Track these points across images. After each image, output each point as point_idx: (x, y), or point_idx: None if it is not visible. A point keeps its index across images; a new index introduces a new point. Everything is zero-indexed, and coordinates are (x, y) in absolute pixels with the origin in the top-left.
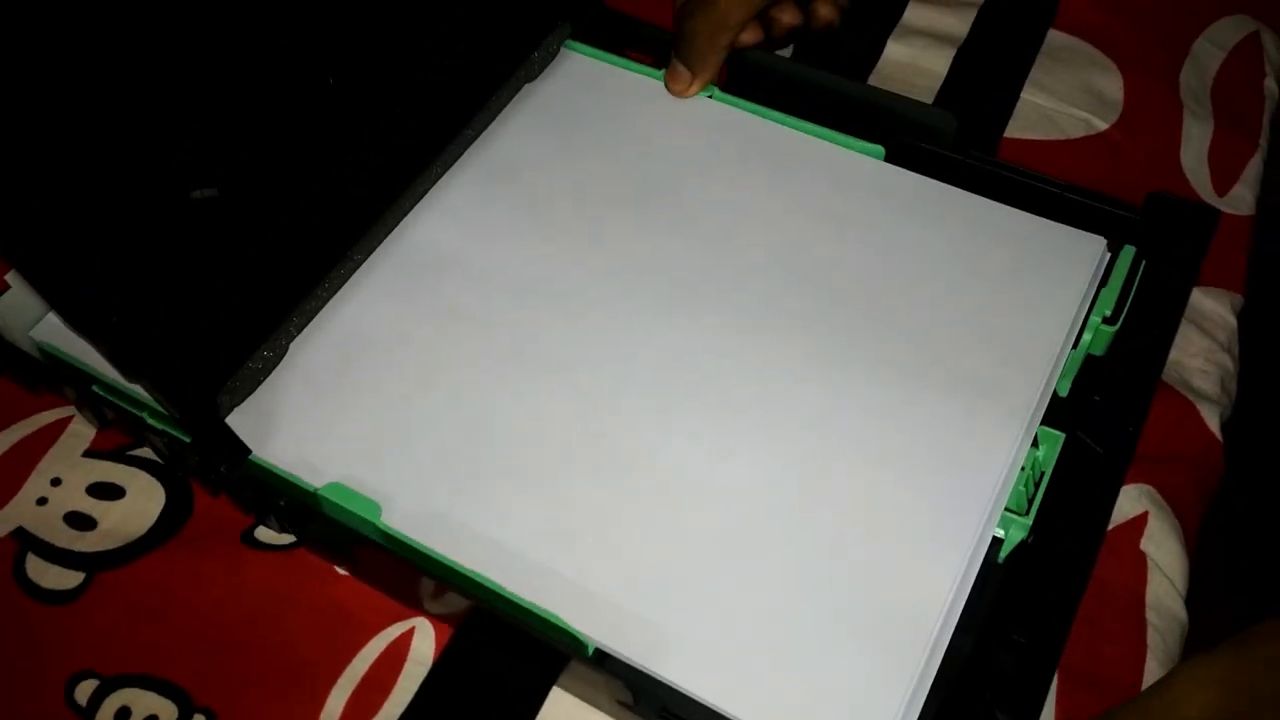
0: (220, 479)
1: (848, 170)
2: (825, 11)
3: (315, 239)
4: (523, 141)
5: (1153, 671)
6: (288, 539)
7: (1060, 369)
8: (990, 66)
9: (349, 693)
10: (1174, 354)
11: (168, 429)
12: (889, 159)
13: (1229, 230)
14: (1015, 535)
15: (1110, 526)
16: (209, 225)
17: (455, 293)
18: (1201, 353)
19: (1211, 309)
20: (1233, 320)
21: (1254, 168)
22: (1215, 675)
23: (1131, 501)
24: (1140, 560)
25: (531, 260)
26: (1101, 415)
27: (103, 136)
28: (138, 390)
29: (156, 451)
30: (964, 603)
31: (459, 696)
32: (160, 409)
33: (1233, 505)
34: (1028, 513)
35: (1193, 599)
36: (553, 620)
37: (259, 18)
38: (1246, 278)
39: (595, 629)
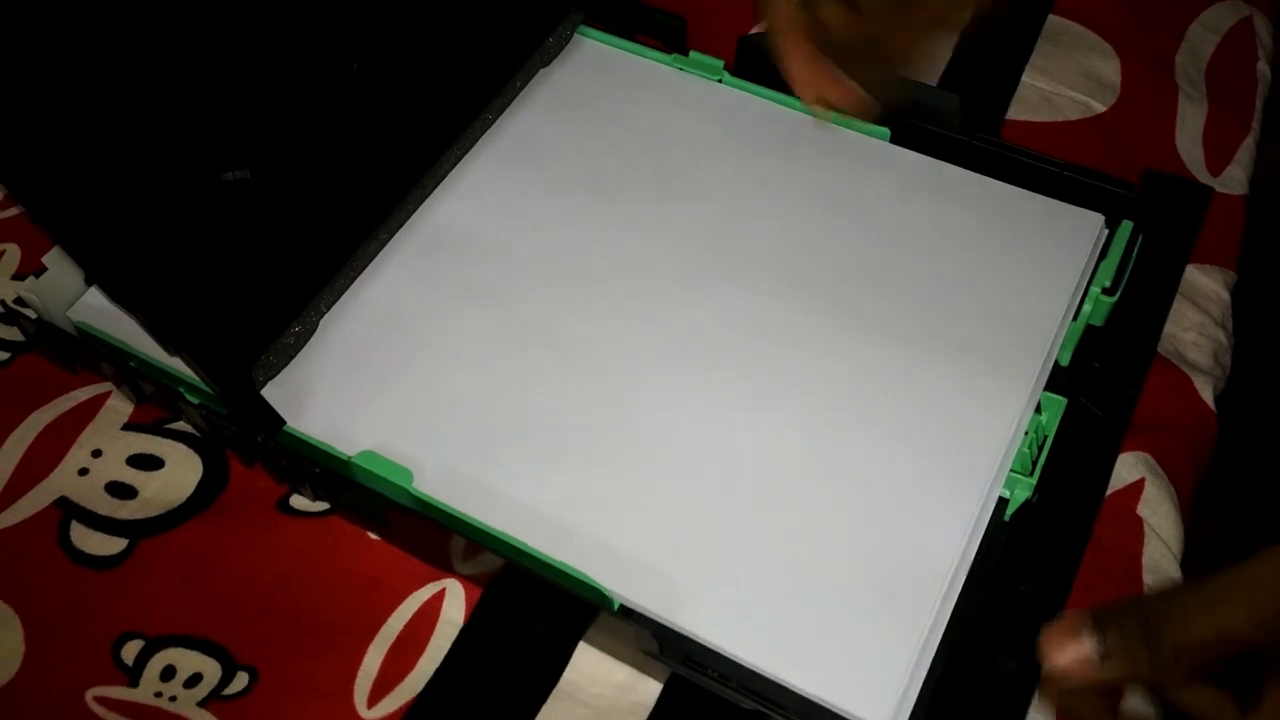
0: (257, 449)
1: (855, 151)
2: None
3: (343, 219)
4: (539, 125)
5: None
6: (321, 506)
7: (1061, 339)
8: (992, 51)
9: (385, 651)
10: (1169, 328)
11: (205, 402)
12: (895, 140)
13: (1222, 209)
14: (1020, 495)
15: (1108, 492)
16: (243, 206)
17: (477, 269)
18: (1195, 327)
19: (1206, 285)
20: (1226, 296)
21: (1247, 149)
22: None
23: (1128, 468)
24: (1137, 524)
25: (550, 238)
26: (1101, 381)
27: (142, 122)
28: (174, 365)
29: (193, 424)
30: (972, 559)
31: (490, 652)
32: (198, 383)
33: (1225, 473)
34: (1032, 474)
35: (1187, 562)
36: (580, 577)
37: (287, 10)
38: (1239, 255)
39: (620, 585)
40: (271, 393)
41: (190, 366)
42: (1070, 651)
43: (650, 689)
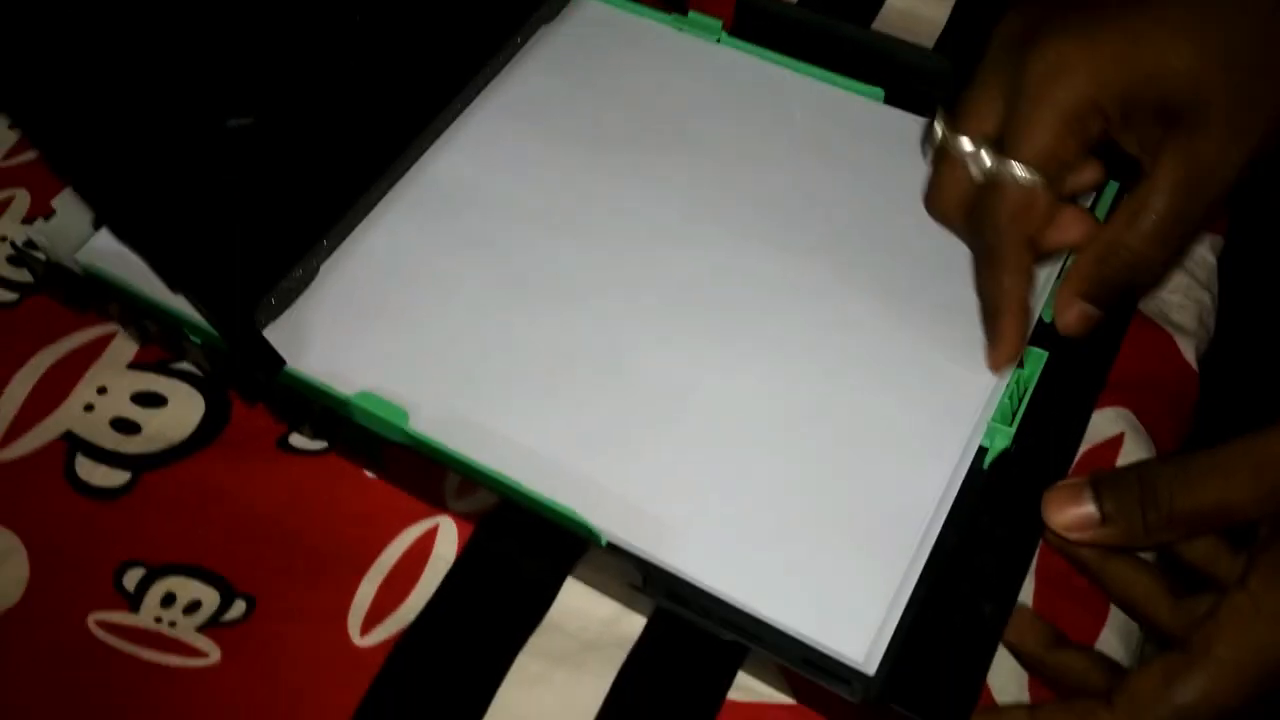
0: (258, 388)
1: (849, 111)
2: None
3: (344, 168)
4: (539, 81)
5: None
6: (320, 445)
7: (1046, 296)
8: (987, 15)
9: (378, 583)
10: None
11: (208, 341)
12: (889, 100)
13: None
14: (999, 444)
15: (1088, 446)
16: (247, 151)
17: (476, 220)
18: (1181, 289)
19: (1192, 248)
20: (1212, 259)
21: None
22: None
23: (1109, 423)
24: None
25: (546, 191)
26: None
27: (150, 67)
28: (178, 306)
29: (196, 364)
30: (951, 504)
31: (480, 586)
32: (201, 323)
33: (1206, 434)
34: (1011, 424)
35: None
36: (569, 514)
37: None
38: (1228, 221)
39: (608, 522)
40: (272, 334)
41: (194, 306)
42: (1070, 513)
43: (635, 623)
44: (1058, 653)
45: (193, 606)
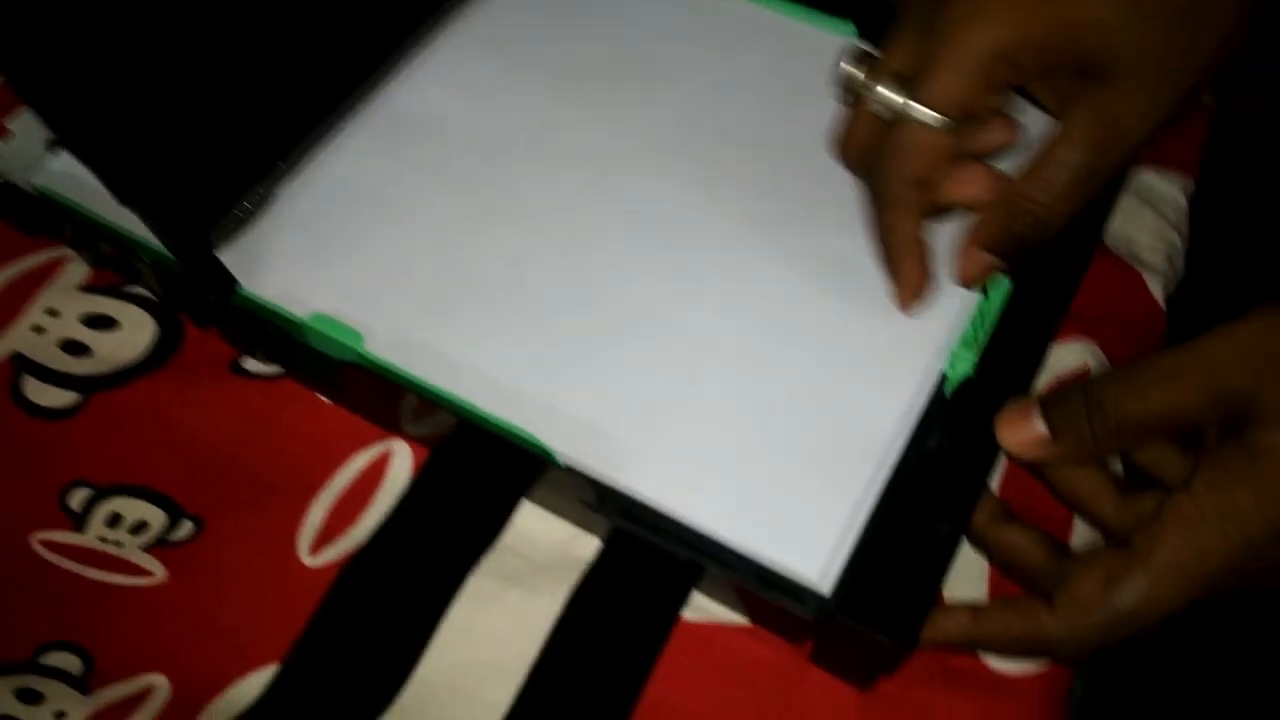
0: (210, 310)
1: (819, 45)
2: None
3: (306, 91)
4: (506, 13)
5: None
6: (273, 370)
7: None
8: None
9: (329, 505)
10: (1126, 229)
11: (160, 261)
12: (861, 35)
13: (1186, 118)
14: (961, 370)
15: (1054, 378)
16: (207, 69)
17: (438, 148)
18: (1152, 229)
19: (1164, 190)
20: (1183, 201)
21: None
22: (1251, 340)
23: (1074, 355)
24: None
25: (511, 122)
26: (1045, 260)
27: None
28: (131, 227)
29: (148, 286)
30: (911, 428)
31: (433, 508)
32: (154, 244)
33: None
34: (974, 350)
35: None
36: (525, 436)
37: None
38: (1200, 164)
39: (563, 444)
40: (226, 257)
41: (146, 224)
42: (1021, 434)
43: (589, 546)
44: (1000, 527)
45: (139, 527)
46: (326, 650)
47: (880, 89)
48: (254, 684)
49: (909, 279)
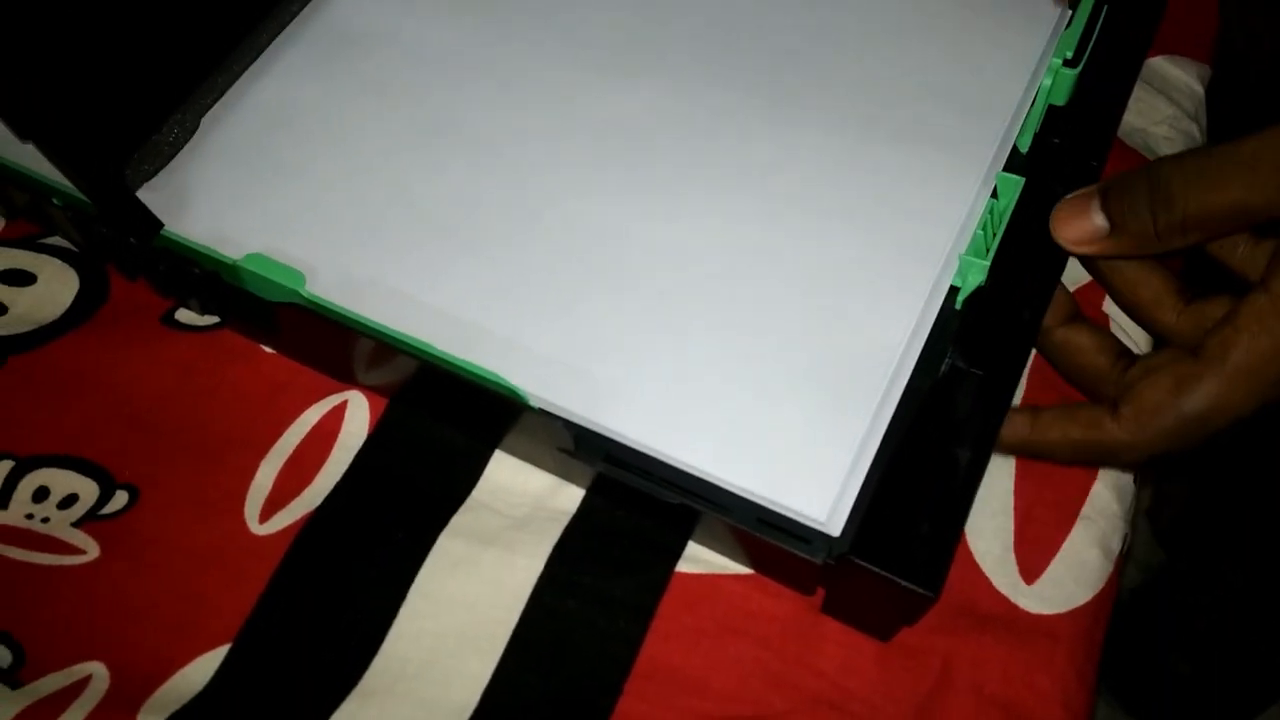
0: (135, 257)
1: None
2: None
3: (225, 6)
4: None
5: None
6: (211, 320)
7: (1021, 120)
8: None
9: (279, 465)
10: (1140, 121)
11: (73, 203)
12: None
13: (1197, 2)
14: (973, 280)
15: (1078, 285)
16: None
17: (380, 67)
18: (1167, 120)
19: (1178, 77)
20: (1199, 89)
21: None
22: None
23: None
24: (1103, 321)
25: (458, 32)
26: (1062, 157)
27: None
28: (45, 171)
29: (66, 235)
30: (921, 347)
31: (395, 464)
32: (69, 188)
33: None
34: (986, 256)
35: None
36: (492, 378)
37: None
38: (1214, 49)
39: (536, 385)
40: (149, 196)
41: (52, 162)
42: (1078, 226)
43: (573, 496)
44: (1070, 327)
45: (68, 500)
46: (282, 628)
47: None
48: (202, 669)
49: None
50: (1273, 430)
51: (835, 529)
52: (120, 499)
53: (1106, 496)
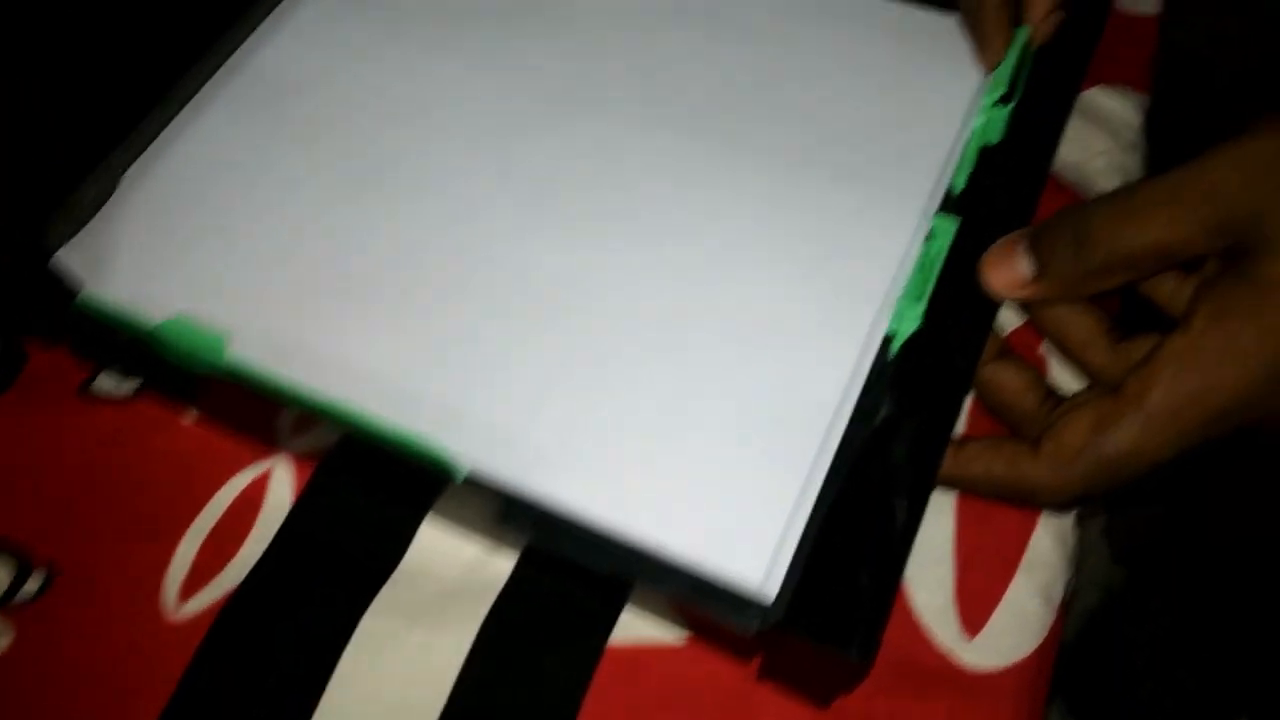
0: (50, 323)
1: None
2: None
3: (144, 59)
4: None
5: None
6: (129, 388)
7: (955, 161)
8: None
9: (200, 541)
10: (1076, 156)
11: None
12: None
13: (1133, 29)
14: (908, 326)
15: (1016, 326)
16: (21, 39)
17: (307, 115)
18: (1104, 153)
19: (1114, 109)
20: (1136, 119)
21: None
22: (1253, 160)
23: None
24: (1040, 362)
25: (390, 78)
26: (995, 199)
27: None
28: None
29: None
30: (856, 397)
31: (321, 535)
32: None
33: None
34: (921, 301)
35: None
36: (419, 444)
37: None
38: (1153, 76)
39: (465, 450)
40: (65, 258)
41: None
42: (1006, 273)
43: (503, 566)
44: (995, 364)
45: None
46: (200, 717)
47: None
48: None
49: (992, 38)
50: (1230, 446)
51: (770, 594)
52: (36, 580)
53: (1047, 543)
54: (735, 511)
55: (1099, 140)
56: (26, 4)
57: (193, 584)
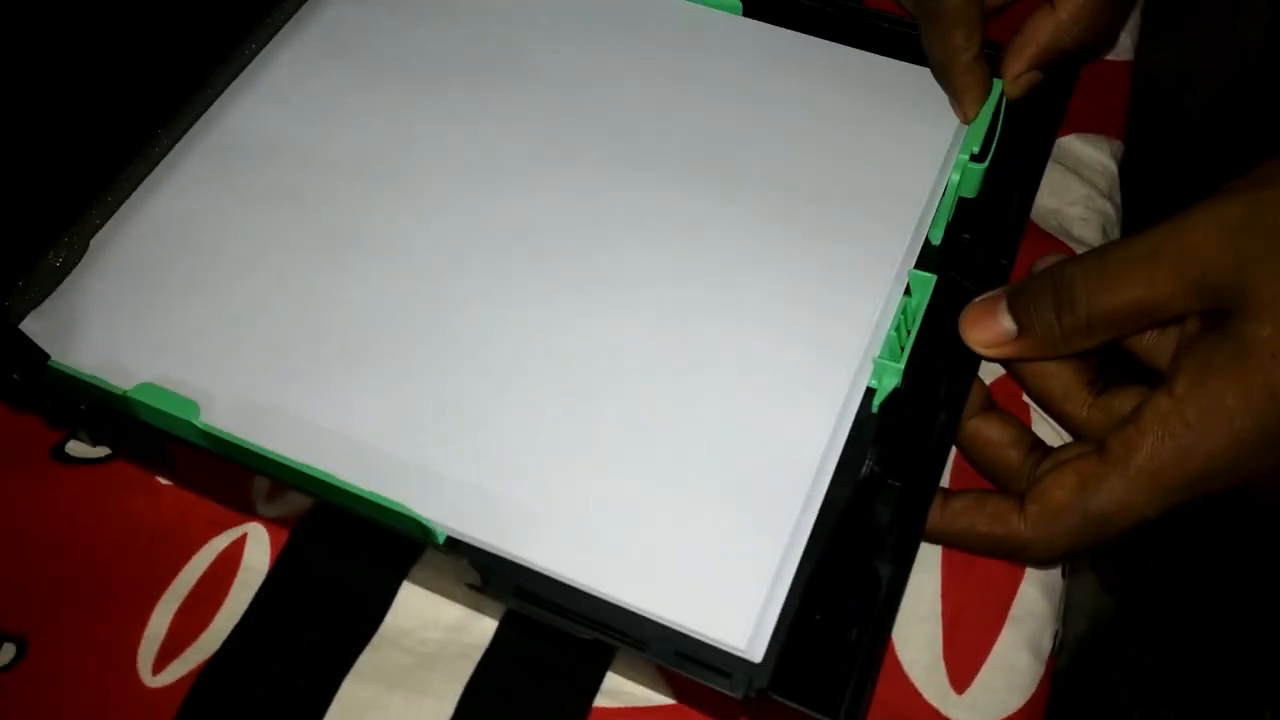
0: (20, 389)
1: (704, 26)
2: None
3: (114, 124)
4: (347, 13)
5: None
6: (102, 452)
7: (932, 214)
8: None
9: (174, 609)
10: (1053, 203)
11: None
12: (747, 13)
13: (1107, 76)
14: (889, 383)
15: (996, 377)
16: None
17: (278, 175)
18: (1081, 200)
19: (1090, 156)
20: (1113, 166)
21: (1132, 15)
22: (1232, 218)
23: None
24: (1023, 411)
25: (362, 138)
26: (973, 252)
27: None
28: None
29: None
30: (838, 456)
31: (299, 601)
32: None
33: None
34: (901, 358)
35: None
36: (397, 509)
37: None
38: (1127, 123)
39: (444, 515)
40: (35, 325)
41: None
42: (986, 330)
43: (486, 629)
44: (979, 419)
45: None
46: None
47: None
48: None
49: (970, 89)
50: (1218, 504)
51: (756, 655)
52: (7, 651)
53: (1034, 595)
54: (719, 573)
55: (1076, 187)
56: None
57: (169, 650)
